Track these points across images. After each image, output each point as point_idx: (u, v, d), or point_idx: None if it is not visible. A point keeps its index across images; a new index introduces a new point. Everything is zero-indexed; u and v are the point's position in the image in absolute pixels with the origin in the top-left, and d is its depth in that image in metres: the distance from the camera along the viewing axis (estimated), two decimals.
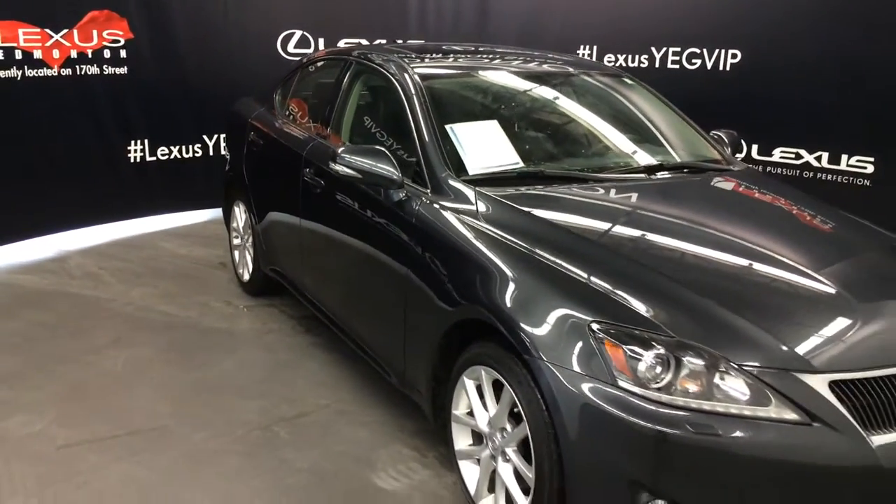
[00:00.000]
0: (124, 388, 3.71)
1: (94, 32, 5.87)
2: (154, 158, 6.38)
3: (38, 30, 5.53)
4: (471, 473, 2.81)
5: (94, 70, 5.91)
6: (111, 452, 3.19)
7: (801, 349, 2.30)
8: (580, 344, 2.35)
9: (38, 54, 5.56)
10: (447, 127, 3.31)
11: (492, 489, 2.72)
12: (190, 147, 6.50)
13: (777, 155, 6.83)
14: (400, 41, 6.29)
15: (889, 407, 2.27)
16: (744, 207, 3.25)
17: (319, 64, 4.49)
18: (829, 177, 6.63)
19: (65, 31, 5.69)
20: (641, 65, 7.13)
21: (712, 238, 2.91)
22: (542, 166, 3.31)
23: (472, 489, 2.79)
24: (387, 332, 3.28)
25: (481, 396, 2.73)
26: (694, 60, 6.97)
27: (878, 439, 2.22)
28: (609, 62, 7.23)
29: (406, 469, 3.12)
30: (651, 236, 2.87)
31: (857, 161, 6.51)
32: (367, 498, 2.95)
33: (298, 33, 6.88)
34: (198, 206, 6.63)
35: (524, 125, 3.61)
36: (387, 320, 3.26)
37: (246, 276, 4.86)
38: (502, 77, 3.90)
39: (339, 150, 3.22)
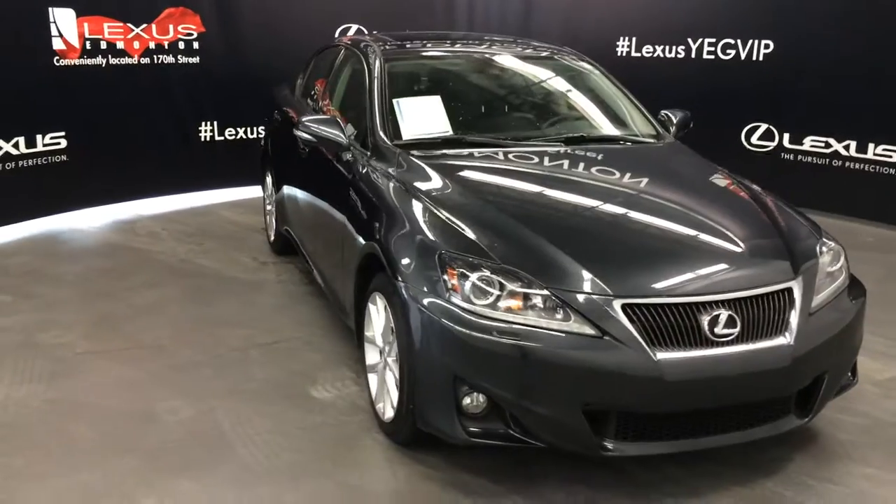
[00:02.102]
0: (144, 316, 4.51)
1: (171, 26, 6.79)
2: (222, 138, 7.26)
3: (120, 24, 6.48)
4: (373, 383, 3.40)
5: (169, 59, 6.84)
6: (115, 359, 3.97)
7: (604, 277, 2.77)
8: (429, 269, 2.91)
9: (120, 45, 6.52)
10: (394, 101, 3.90)
11: None
12: (253, 129, 7.34)
13: (807, 144, 7.01)
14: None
15: (674, 329, 2.71)
16: (627, 171, 3.67)
17: (326, 51, 5.17)
18: (857, 165, 6.76)
19: (144, 25, 6.62)
20: (678, 55, 7.44)
21: (578, 194, 3.39)
22: (469, 134, 3.84)
23: (373, 394, 3.39)
24: (333, 271, 3.92)
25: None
26: (728, 51, 7.22)
27: (662, 355, 2.67)
28: (647, 53, 7.55)
29: (340, 385, 3.74)
30: (524, 191, 3.40)
31: (884, 150, 6.61)
32: (300, 401, 3.59)
33: (354, 27, 7.60)
34: (259, 182, 7.45)
35: (467, 101, 4.17)
36: (333, 261, 3.90)
37: (272, 237, 5.62)
38: (461, 61, 4.46)
39: (301, 118, 3.88)
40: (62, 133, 6.31)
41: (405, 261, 3.01)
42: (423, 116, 3.87)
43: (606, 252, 2.96)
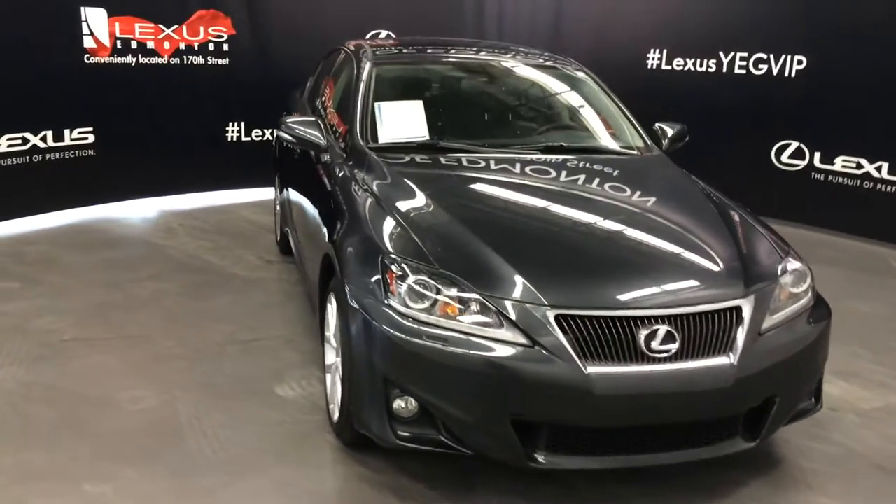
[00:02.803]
0: (138, 308, 4.63)
1: (201, 28, 6.97)
2: (249, 139, 7.42)
3: (152, 25, 6.68)
4: (329, 383, 3.43)
5: (199, 60, 7.01)
6: (98, 348, 4.09)
7: (540, 287, 2.74)
8: (371, 271, 2.93)
9: (150, 45, 6.72)
10: (376, 104, 3.94)
11: None
12: None
13: (839, 164, 6.83)
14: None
15: (609, 343, 2.67)
16: (596, 183, 3.62)
17: (332, 54, 5.24)
18: (888, 188, 6.54)
19: (175, 26, 6.81)
20: (709, 69, 7.33)
21: (537, 203, 3.37)
22: (445, 140, 3.84)
23: (328, 395, 3.42)
24: (311, 271, 3.97)
25: None
26: (760, 66, 7.08)
27: (593, 369, 2.63)
28: (678, 66, 7.44)
29: (306, 384, 3.78)
30: (484, 198, 3.40)
31: None
32: (263, 398, 3.63)
33: (384, 33, 7.68)
34: None
35: (451, 107, 4.19)
36: (311, 261, 3.94)
37: (278, 237, 5.71)
38: (451, 67, 4.47)
39: (283, 119, 3.94)
40: (90, 128, 6.52)
41: (351, 262, 3.03)
42: (402, 121, 3.89)
43: (549, 262, 2.93)
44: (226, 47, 7.11)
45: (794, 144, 7.10)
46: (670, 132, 4.30)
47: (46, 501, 2.83)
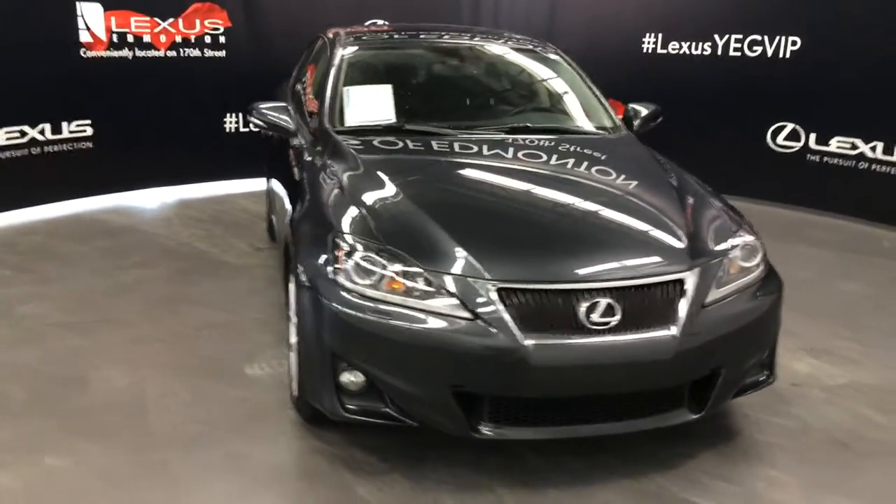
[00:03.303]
0: (123, 294, 4.74)
1: (197, 21, 7.07)
2: (247, 129, 7.50)
3: (147, 18, 6.80)
4: (292, 360, 3.49)
5: (195, 53, 7.12)
6: (78, 331, 4.20)
7: (483, 261, 2.79)
8: (322, 249, 2.99)
9: (147, 38, 6.83)
10: (345, 88, 4.00)
11: None
12: None
13: (834, 144, 6.79)
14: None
15: (549, 315, 2.71)
16: (554, 161, 3.65)
17: (315, 42, 5.31)
18: (883, 168, 6.49)
19: (171, 19, 6.91)
20: (704, 52, 7.31)
21: (492, 182, 3.42)
22: (411, 123, 3.89)
23: (292, 370, 3.48)
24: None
25: None
26: (755, 48, 7.05)
27: (532, 341, 2.67)
28: (674, 50, 7.41)
29: (276, 364, 3.85)
30: (439, 177, 3.45)
31: None
32: (231, 377, 3.71)
33: (381, 22, 7.73)
34: None
35: (421, 90, 4.24)
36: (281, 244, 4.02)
37: (267, 224, 5.80)
38: (425, 52, 4.52)
39: (253, 104, 4.01)
40: (88, 121, 6.64)
41: (304, 240, 3.11)
42: (370, 104, 3.95)
43: (494, 237, 2.97)
44: (222, 39, 7.21)
45: (790, 126, 7.06)
46: (643, 112, 4.31)
47: (7, 472, 2.93)
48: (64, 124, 6.51)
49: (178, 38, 6.98)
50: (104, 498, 2.82)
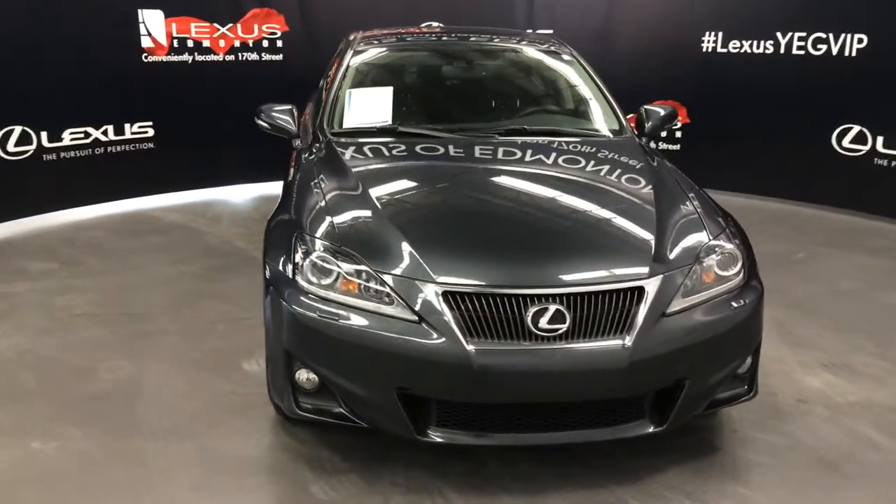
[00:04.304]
0: (153, 288, 4.96)
1: (255, 26, 7.31)
2: None
3: (207, 24, 7.07)
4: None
5: (253, 57, 7.36)
6: (101, 322, 4.42)
7: (431, 264, 2.80)
8: (286, 249, 3.06)
9: (206, 43, 7.11)
10: (348, 91, 4.07)
11: None
12: None
13: None
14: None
15: (496, 321, 2.70)
16: (538, 165, 3.60)
17: (339, 46, 5.40)
18: None
19: (230, 24, 7.17)
20: (766, 51, 7.06)
21: (465, 184, 3.41)
22: (406, 125, 3.93)
23: None
24: None
25: None
26: (819, 46, 6.77)
27: (475, 346, 2.67)
28: (734, 49, 7.18)
29: None
30: (413, 180, 3.47)
31: None
32: (228, 372, 3.84)
33: (434, 25, 7.79)
34: None
35: (423, 93, 4.25)
36: None
37: None
38: (433, 55, 4.53)
39: (260, 107, 4.13)
40: (150, 123, 6.96)
41: (272, 240, 3.19)
42: (369, 107, 4.01)
43: (449, 241, 2.97)
44: (279, 44, 7.42)
45: (856, 128, 6.73)
46: (658, 114, 4.19)
47: None
48: (126, 126, 6.84)
49: (237, 43, 7.22)
50: (71, 480, 2.97)
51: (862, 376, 3.87)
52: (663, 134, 7.64)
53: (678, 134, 7.69)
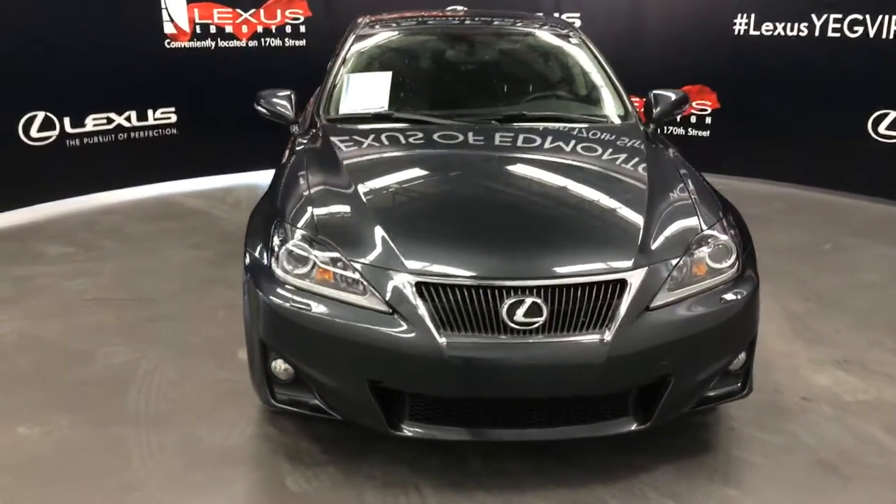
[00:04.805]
0: (165, 273, 4.98)
1: (278, 11, 7.29)
2: None
3: (230, 10, 7.07)
4: None
5: (276, 42, 7.35)
6: (107, 307, 4.45)
7: (406, 254, 2.73)
8: (264, 237, 3.03)
9: (229, 29, 7.11)
10: (347, 76, 4.01)
11: None
12: None
13: None
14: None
15: (470, 313, 2.62)
16: (530, 152, 3.51)
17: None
18: None
19: (252, 10, 7.16)
20: (801, 33, 6.80)
21: (450, 173, 3.33)
22: (403, 111, 3.85)
23: None
24: None
25: None
26: (856, 28, 6.52)
27: (448, 339, 2.60)
28: (767, 31, 6.95)
29: None
30: (398, 169, 3.41)
31: None
32: (222, 359, 3.83)
33: (459, 9, 7.66)
34: None
35: (423, 77, 4.17)
36: None
37: None
38: (435, 38, 4.44)
39: (260, 92, 4.09)
40: (172, 109, 7.00)
41: (252, 228, 3.15)
42: (367, 92, 3.95)
43: (427, 231, 2.91)
44: (302, 29, 7.39)
45: (893, 114, 6.45)
46: (668, 99, 4.05)
47: None
48: (149, 111, 6.88)
49: (260, 29, 7.21)
50: (49, 467, 2.98)
51: (876, 374, 3.70)
52: (693, 120, 7.45)
53: (708, 120, 7.47)
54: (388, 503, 2.79)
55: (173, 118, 7.02)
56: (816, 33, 6.75)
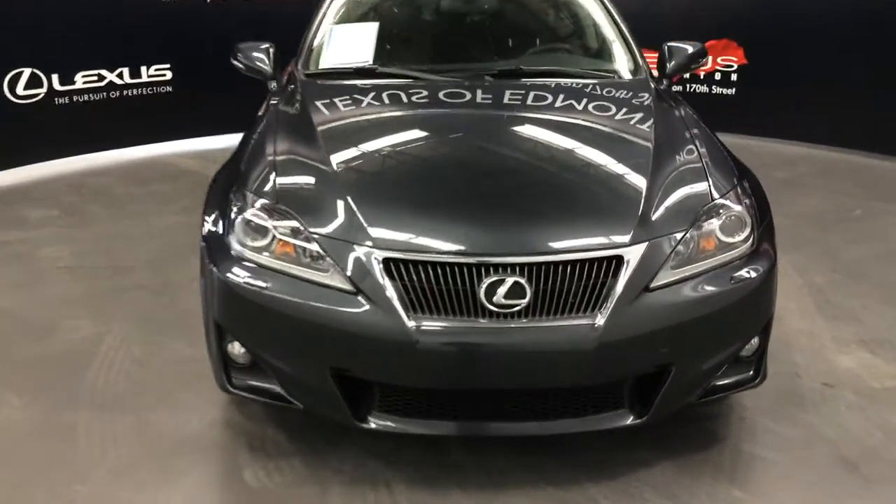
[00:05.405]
0: (146, 239, 4.72)
1: None
2: None
3: None
4: None
5: None
6: (80, 276, 4.20)
7: (374, 227, 2.42)
8: (221, 206, 2.72)
9: None
10: (331, 27, 3.67)
11: None
12: None
13: None
14: None
15: (443, 294, 2.31)
16: (523, 111, 3.18)
17: None
18: None
19: None
20: None
21: (431, 137, 3.01)
22: (388, 65, 3.51)
23: None
24: None
25: None
26: None
27: (418, 322, 2.30)
28: None
29: None
30: (373, 131, 3.08)
31: None
32: (192, 336, 3.44)
33: None
34: None
35: (411, 29, 3.82)
36: None
37: None
38: None
39: (238, 44, 3.76)
40: (167, 66, 6.68)
41: (211, 195, 2.85)
42: (350, 45, 3.62)
43: (398, 202, 2.58)
44: None
45: None
46: (684, 52, 3.66)
47: None
48: (143, 68, 6.58)
49: None
50: None
51: None
52: (717, 77, 7.03)
53: (733, 77, 7.03)
54: (353, 503, 2.49)
55: (168, 75, 6.71)
56: None
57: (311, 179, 2.69)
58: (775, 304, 2.66)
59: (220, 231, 2.62)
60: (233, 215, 2.60)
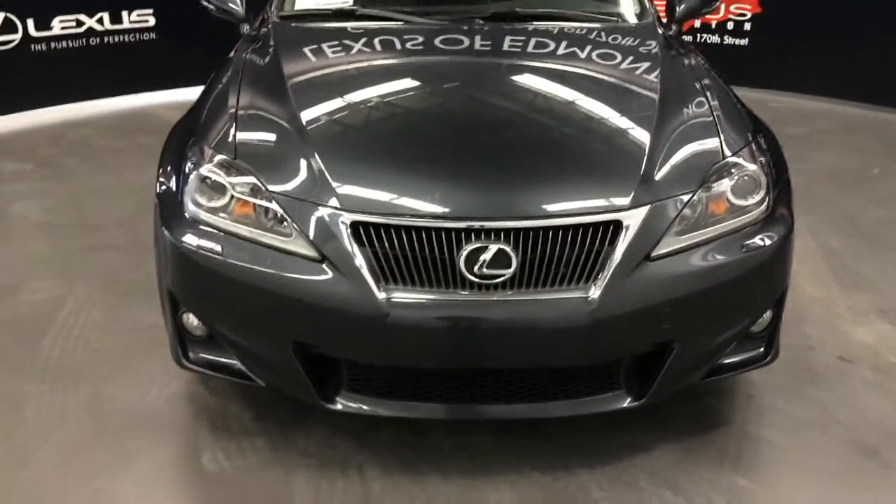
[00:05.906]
0: (121, 196, 4.45)
1: None
2: None
3: None
4: None
5: None
6: (50, 233, 3.96)
7: (343, 187, 2.15)
8: (177, 161, 2.46)
9: None
10: None
11: None
12: None
13: None
14: None
15: (418, 262, 2.05)
16: (517, 60, 2.89)
17: None
18: None
19: None
20: None
21: (409, 89, 2.73)
22: (369, 7, 3.21)
23: None
24: None
25: None
26: None
27: (389, 294, 2.05)
28: None
29: None
30: (349, 81, 2.80)
31: None
32: (156, 302, 3.30)
33: None
34: None
35: None
36: None
37: None
38: None
39: None
40: (150, 10, 6.35)
41: (166, 149, 2.59)
42: None
43: (370, 158, 2.31)
44: None
45: None
46: None
47: None
48: (124, 13, 6.26)
49: None
50: None
51: None
52: (729, 27, 6.68)
53: (747, 26, 6.66)
54: (320, 489, 2.28)
55: (151, 21, 6.38)
56: None
57: (275, 134, 2.42)
58: (790, 275, 2.39)
59: (174, 188, 2.36)
60: (187, 170, 2.33)
